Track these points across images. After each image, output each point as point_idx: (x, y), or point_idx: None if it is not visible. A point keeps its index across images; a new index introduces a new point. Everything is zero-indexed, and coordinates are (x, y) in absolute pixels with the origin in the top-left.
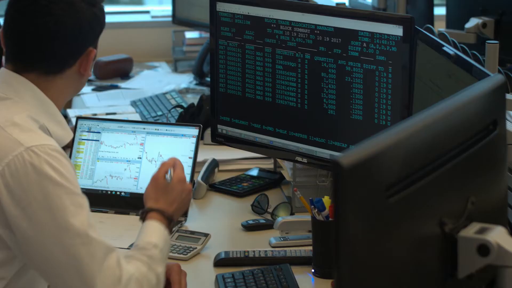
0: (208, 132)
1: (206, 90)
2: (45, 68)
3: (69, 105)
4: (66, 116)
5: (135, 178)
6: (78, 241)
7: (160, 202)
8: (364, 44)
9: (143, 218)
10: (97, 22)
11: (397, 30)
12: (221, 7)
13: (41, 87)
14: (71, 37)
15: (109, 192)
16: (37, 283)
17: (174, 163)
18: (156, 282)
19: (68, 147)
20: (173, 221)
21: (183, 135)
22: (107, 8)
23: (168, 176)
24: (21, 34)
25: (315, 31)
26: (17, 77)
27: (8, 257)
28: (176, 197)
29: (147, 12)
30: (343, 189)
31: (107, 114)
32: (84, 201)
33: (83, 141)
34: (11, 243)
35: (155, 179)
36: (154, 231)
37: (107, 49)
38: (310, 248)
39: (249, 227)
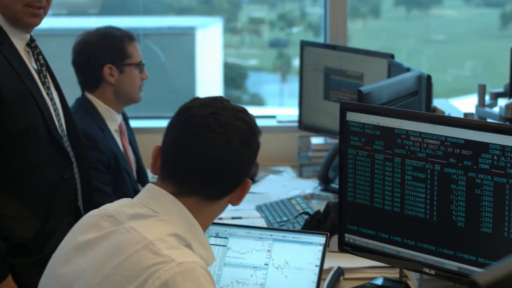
0: (333, 239)
1: (331, 197)
2: (209, 194)
3: None
4: None
5: (261, 285)
6: None
7: None
8: (495, 157)
9: None
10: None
11: None
12: (351, 116)
13: (194, 211)
14: (241, 167)
15: None
16: None
17: None
18: None
19: None
20: None
21: (310, 243)
22: None
23: None
24: (195, 159)
25: (445, 143)
26: (169, 196)
27: None
28: None
29: (273, 117)
30: None
31: (232, 218)
32: None
33: (211, 246)
34: None
35: None
36: None
37: None
38: None
39: None
